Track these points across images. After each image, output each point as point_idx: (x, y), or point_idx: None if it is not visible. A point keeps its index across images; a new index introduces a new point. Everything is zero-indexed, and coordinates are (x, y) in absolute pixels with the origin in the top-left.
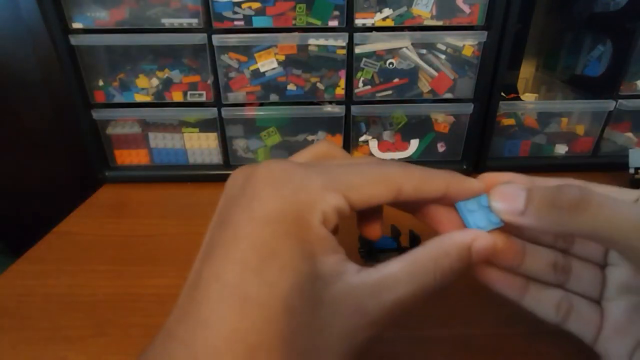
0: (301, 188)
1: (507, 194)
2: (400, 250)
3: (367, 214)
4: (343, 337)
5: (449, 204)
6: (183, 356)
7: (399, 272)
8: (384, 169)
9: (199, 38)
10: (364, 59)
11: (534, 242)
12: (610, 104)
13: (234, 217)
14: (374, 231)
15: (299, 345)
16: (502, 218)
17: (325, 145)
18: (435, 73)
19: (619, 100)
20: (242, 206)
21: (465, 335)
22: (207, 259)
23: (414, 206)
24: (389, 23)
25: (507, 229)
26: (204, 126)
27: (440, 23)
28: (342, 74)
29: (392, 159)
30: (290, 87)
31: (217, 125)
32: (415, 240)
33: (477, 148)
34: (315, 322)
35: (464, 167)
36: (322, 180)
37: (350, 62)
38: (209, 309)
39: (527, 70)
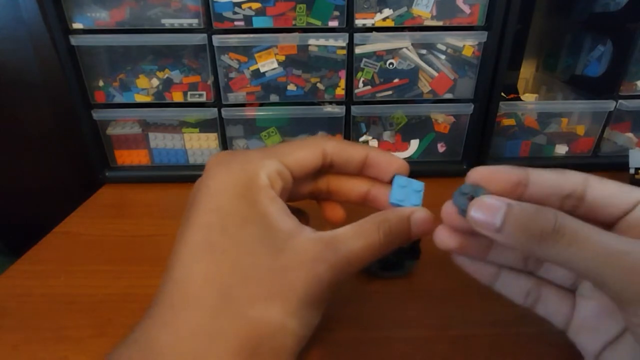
0: (245, 161)
1: (487, 207)
2: (399, 254)
3: (324, 197)
4: (308, 279)
5: (377, 174)
6: (160, 313)
7: (349, 231)
8: (309, 138)
9: (199, 38)
10: (364, 59)
11: None
12: (610, 104)
13: (195, 198)
14: (336, 212)
15: (265, 284)
16: (477, 230)
17: None
18: (435, 73)
19: (619, 101)
20: (200, 188)
21: (465, 335)
22: (178, 237)
23: (360, 193)
24: (389, 23)
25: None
26: (204, 126)
27: (440, 23)
28: (342, 74)
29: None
30: (291, 87)
31: (217, 126)
32: (414, 244)
33: (478, 148)
34: (278, 266)
35: (464, 167)
36: (260, 153)
37: (351, 63)
38: (180, 268)
39: (527, 71)
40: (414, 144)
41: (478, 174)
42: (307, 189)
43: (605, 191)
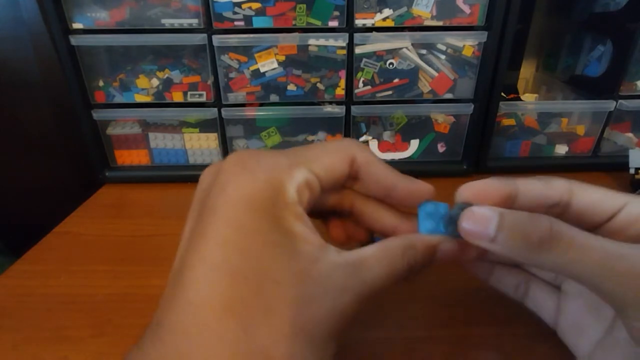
0: (271, 169)
1: (478, 218)
2: None
3: (345, 216)
4: (334, 312)
5: (402, 202)
6: (173, 339)
7: (375, 255)
8: (338, 142)
9: (199, 38)
10: (364, 59)
11: None
12: (610, 104)
13: (211, 204)
14: (358, 234)
15: (289, 318)
16: (470, 242)
17: None
18: (435, 73)
19: (619, 101)
20: (217, 193)
21: (465, 335)
22: (190, 246)
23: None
24: (389, 23)
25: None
26: (204, 126)
27: (440, 23)
28: (342, 74)
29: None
30: (291, 87)
31: (217, 126)
32: None
33: (478, 148)
34: (302, 295)
35: (464, 167)
36: (287, 159)
37: (351, 63)
38: (197, 290)
39: (527, 71)
40: (414, 144)
41: (469, 192)
42: (332, 201)
43: (590, 198)
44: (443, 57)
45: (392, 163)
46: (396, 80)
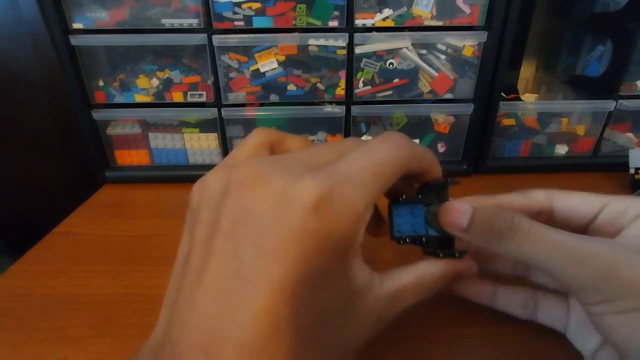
0: (350, 211)
1: (455, 210)
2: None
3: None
4: (368, 339)
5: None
6: None
7: (412, 284)
8: (387, 152)
9: (199, 38)
10: (364, 59)
11: None
12: (610, 104)
13: (274, 240)
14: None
15: (339, 349)
16: (448, 231)
17: (262, 133)
18: (435, 73)
19: (619, 101)
20: (286, 224)
21: (465, 335)
22: (240, 280)
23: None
24: (389, 23)
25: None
26: (204, 126)
27: (440, 23)
28: (342, 74)
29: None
30: (291, 87)
31: (218, 126)
32: (439, 190)
33: (477, 148)
34: (352, 332)
35: (464, 167)
36: (363, 198)
37: (351, 63)
38: (257, 336)
39: (527, 71)
40: None
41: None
42: None
43: (569, 202)
44: (443, 57)
45: None
46: (396, 80)
